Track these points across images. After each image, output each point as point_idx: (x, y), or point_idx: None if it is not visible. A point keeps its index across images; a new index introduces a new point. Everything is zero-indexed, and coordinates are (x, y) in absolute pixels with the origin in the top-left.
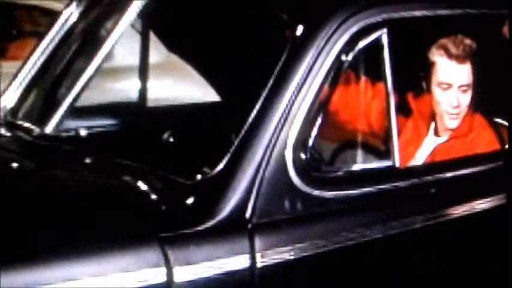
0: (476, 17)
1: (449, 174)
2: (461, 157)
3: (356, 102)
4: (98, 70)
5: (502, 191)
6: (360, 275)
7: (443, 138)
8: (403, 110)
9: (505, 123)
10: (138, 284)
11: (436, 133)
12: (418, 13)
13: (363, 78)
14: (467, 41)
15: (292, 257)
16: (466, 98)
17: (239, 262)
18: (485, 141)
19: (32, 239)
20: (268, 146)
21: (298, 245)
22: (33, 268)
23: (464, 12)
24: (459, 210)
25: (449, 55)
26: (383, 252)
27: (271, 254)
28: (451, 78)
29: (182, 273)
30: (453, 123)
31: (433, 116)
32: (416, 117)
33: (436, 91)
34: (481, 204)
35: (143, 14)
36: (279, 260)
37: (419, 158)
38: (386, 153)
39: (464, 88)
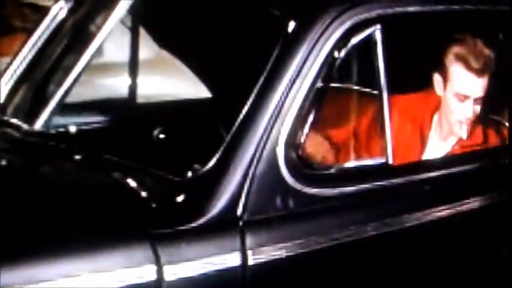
0: (474, 14)
1: (444, 172)
2: (456, 155)
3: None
4: (88, 66)
5: (501, 189)
6: (353, 272)
7: (451, 144)
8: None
9: (501, 120)
10: (128, 282)
11: (442, 137)
12: (413, 9)
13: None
14: (487, 52)
15: (283, 255)
16: (478, 109)
17: (230, 260)
18: None
19: (19, 237)
20: (259, 143)
21: (289, 243)
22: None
23: (462, 8)
24: (454, 208)
25: (469, 68)
26: (376, 250)
27: (263, 252)
28: (470, 90)
29: (173, 271)
30: (463, 133)
31: (434, 117)
32: (414, 117)
33: (451, 100)
34: (476, 202)
35: (133, 10)
36: (270, 257)
37: None
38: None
39: (479, 101)
